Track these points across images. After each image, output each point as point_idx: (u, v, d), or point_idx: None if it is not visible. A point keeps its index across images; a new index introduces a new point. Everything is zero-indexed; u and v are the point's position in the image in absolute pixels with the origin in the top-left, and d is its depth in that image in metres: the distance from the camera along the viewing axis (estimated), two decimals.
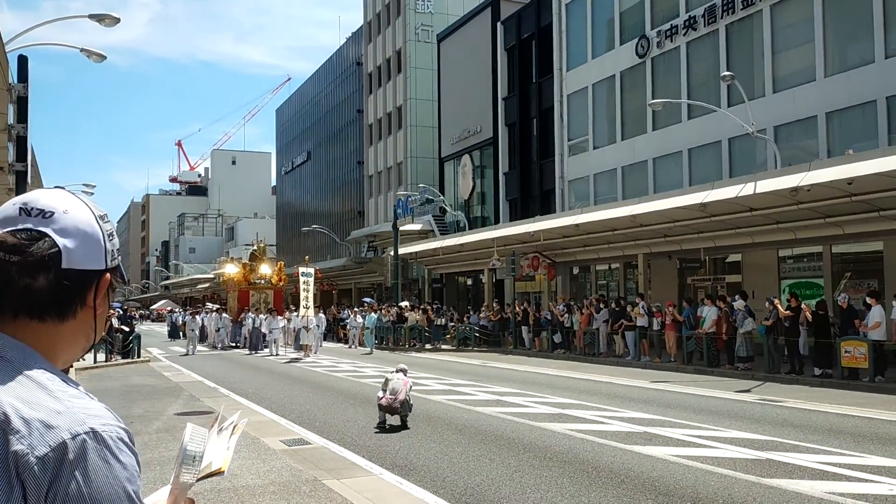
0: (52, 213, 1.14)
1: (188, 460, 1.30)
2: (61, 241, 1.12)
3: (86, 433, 1.02)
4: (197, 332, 30.62)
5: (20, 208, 1.14)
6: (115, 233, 1.24)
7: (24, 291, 1.10)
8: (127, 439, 1.07)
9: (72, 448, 1.00)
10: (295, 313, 29.64)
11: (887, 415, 11.62)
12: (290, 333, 29.46)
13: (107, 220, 1.22)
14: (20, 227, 1.12)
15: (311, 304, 27.59)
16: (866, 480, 7.30)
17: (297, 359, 24.82)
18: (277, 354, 27.40)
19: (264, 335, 29.59)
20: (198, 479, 1.33)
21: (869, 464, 8.04)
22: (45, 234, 1.12)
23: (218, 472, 1.39)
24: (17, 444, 0.99)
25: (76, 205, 1.18)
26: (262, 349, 29.37)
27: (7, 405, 1.02)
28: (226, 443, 1.44)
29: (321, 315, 30.46)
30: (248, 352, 29.62)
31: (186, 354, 27.70)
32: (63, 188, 1.26)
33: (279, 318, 29.51)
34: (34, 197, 1.17)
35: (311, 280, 28.72)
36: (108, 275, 1.19)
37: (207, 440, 1.36)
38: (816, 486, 7.07)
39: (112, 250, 1.20)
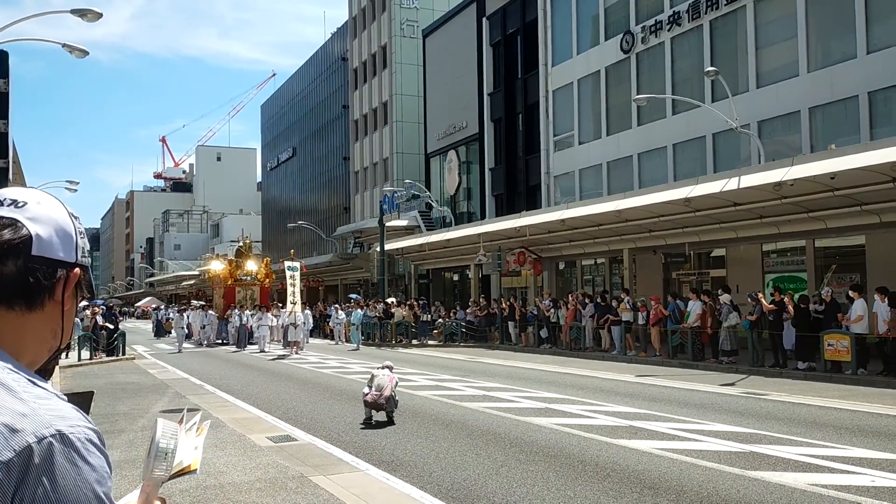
0: (25, 203, 1.14)
1: (161, 455, 1.29)
2: (33, 228, 1.12)
3: (52, 436, 0.98)
4: (185, 330, 30.24)
5: None
6: (86, 237, 1.23)
7: None
8: (96, 440, 1.04)
9: (38, 452, 0.97)
10: (282, 309, 29.44)
11: (869, 407, 11.75)
12: (278, 330, 29.31)
13: (78, 220, 1.21)
14: None
15: (298, 299, 27.23)
16: (849, 472, 7.37)
17: (284, 355, 24.67)
18: (265, 351, 27.19)
19: (252, 332, 29.35)
20: (170, 477, 1.32)
21: (851, 455, 8.13)
22: (17, 221, 1.12)
23: (189, 471, 1.37)
24: None
25: (49, 199, 1.18)
26: (249, 346, 29.13)
27: None
28: (193, 442, 1.43)
29: (307, 311, 30.04)
30: (235, 349, 29.37)
31: (175, 352, 27.39)
32: (36, 188, 1.25)
33: (267, 314, 29.30)
34: (7, 190, 1.18)
35: (298, 275, 28.28)
36: (78, 269, 1.17)
37: (178, 436, 1.35)
38: (800, 477, 7.14)
39: (82, 247, 1.19)
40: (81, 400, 1.47)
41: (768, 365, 17.27)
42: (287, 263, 28.84)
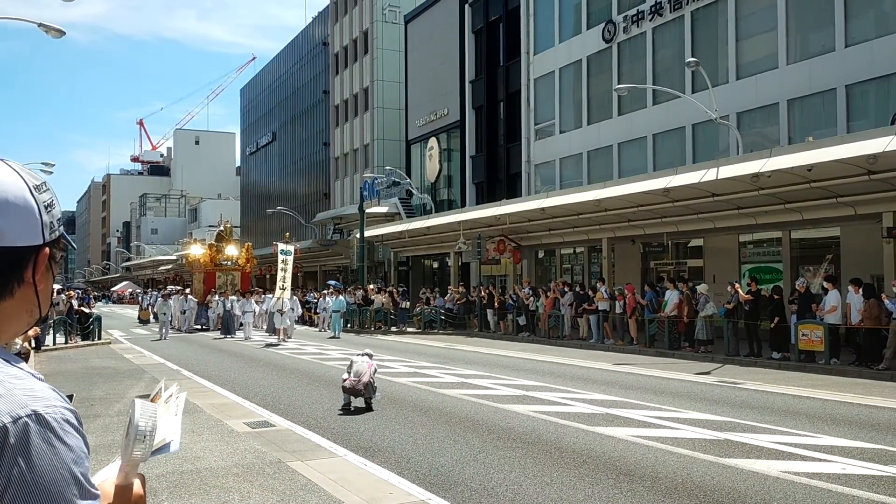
0: None
1: (140, 437, 1.29)
2: None
3: (28, 416, 0.98)
4: (170, 316, 29.05)
5: None
6: (54, 201, 1.17)
7: None
8: (73, 420, 1.04)
9: (13, 432, 0.96)
10: (268, 295, 28.72)
11: (841, 396, 11.94)
12: (262, 316, 28.66)
13: (44, 188, 1.15)
14: None
15: (288, 285, 25.72)
16: (820, 460, 7.50)
17: (273, 343, 23.51)
18: (250, 338, 26.33)
19: (238, 318, 28.38)
20: (150, 454, 1.32)
21: (823, 444, 8.26)
22: None
23: (166, 446, 1.37)
24: None
25: (9, 178, 1.11)
26: (235, 333, 28.08)
27: None
28: (172, 412, 1.43)
29: (295, 298, 28.47)
30: (219, 335, 28.20)
31: (159, 339, 26.18)
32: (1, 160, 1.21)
33: (251, 300, 28.57)
34: None
35: (291, 259, 26.48)
36: (46, 249, 1.13)
37: (157, 415, 1.34)
38: (772, 465, 7.25)
39: (50, 222, 1.14)
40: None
41: (743, 354, 17.48)
42: (280, 246, 27.19)
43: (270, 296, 27.95)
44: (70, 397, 1.15)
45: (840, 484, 6.58)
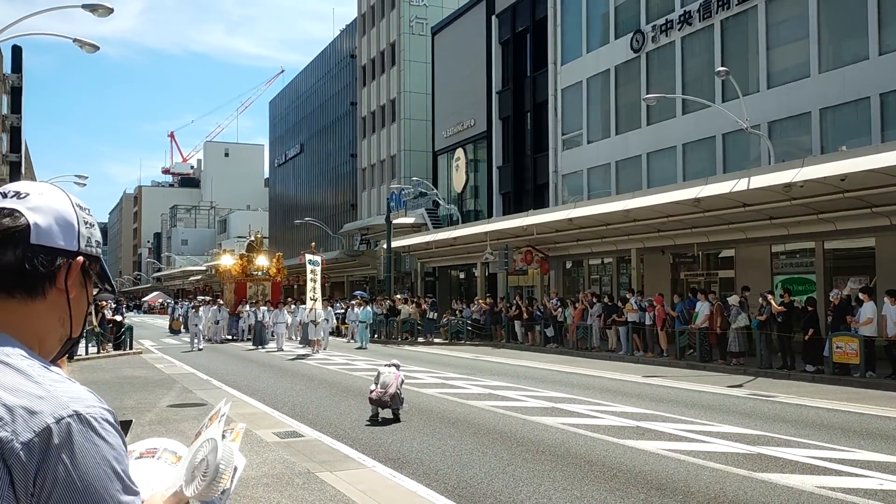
0: (28, 195, 1.17)
1: (217, 478, 1.27)
2: (31, 217, 1.14)
3: (70, 416, 1.02)
4: (201, 327, 28.48)
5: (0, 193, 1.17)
6: (95, 225, 1.24)
7: None
8: (112, 419, 1.07)
9: (57, 432, 1.00)
10: (300, 306, 28.02)
11: (877, 410, 11.69)
12: (295, 328, 28.09)
13: (88, 213, 1.22)
14: None
15: (318, 295, 25.36)
16: (856, 475, 7.33)
17: (305, 355, 23.08)
18: (282, 350, 25.90)
19: (269, 328, 28.02)
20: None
21: (859, 458, 8.08)
22: (15, 210, 1.14)
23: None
24: (1, 431, 0.99)
25: (54, 190, 1.20)
26: (267, 343, 27.70)
27: None
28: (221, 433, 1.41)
29: (329, 308, 27.94)
30: (251, 346, 27.81)
31: (191, 350, 25.74)
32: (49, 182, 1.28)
33: (283, 310, 28.12)
34: (12, 185, 1.20)
35: (319, 269, 26.18)
36: (80, 258, 1.18)
37: (234, 456, 1.31)
38: (807, 480, 7.11)
39: (88, 236, 1.20)
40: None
41: (776, 367, 17.21)
42: (308, 257, 26.87)
43: (303, 307, 27.49)
44: (128, 423, 1.19)
45: (877, 500, 6.43)
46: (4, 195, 1.16)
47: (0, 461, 0.98)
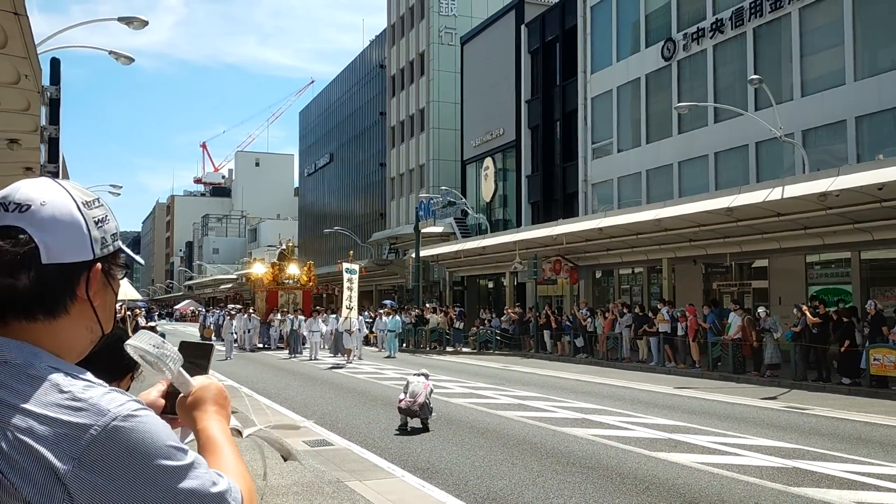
0: (29, 207, 1.09)
1: (163, 358, 1.25)
2: (39, 237, 1.07)
3: (112, 419, 1.02)
4: (235, 336, 27.93)
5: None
6: (108, 216, 1.17)
7: (7, 292, 1.06)
8: (143, 405, 1.08)
9: (102, 438, 1.00)
10: (333, 315, 27.88)
11: None
12: (328, 337, 27.66)
13: (95, 205, 1.15)
14: None
15: (355, 304, 24.94)
16: (895, 490, 7.15)
17: (339, 365, 22.75)
18: (316, 359, 25.58)
19: (304, 337, 27.72)
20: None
21: None
22: (22, 230, 1.07)
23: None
24: (50, 451, 0.98)
25: (56, 194, 1.12)
26: (301, 352, 27.45)
27: (27, 413, 1.00)
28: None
29: (362, 318, 27.64)
30: (286, 355, 27.56)
31: (224, 359, 25.20)
32: (50, 177, 1.21)
33: (318, 319, 27.75)
34: (12, 190, 1.12)
35: (356, 278, 25.82)
36: (99, 265, 1.13)
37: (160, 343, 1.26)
38: (845, 495, 6.95)
39: (102, 237, 1.14)
40: (201, 352, 1.42)
41: (811, 379, 16.89)
42: (345, 265, 26.58)
43: (335, 316, 27.34)
44: (210, 346, 1.36)
45: None
46: (5, 207, 1.09)
47: (55, 480, 0.97)
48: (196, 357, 1.39)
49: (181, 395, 1.32)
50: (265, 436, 1.50)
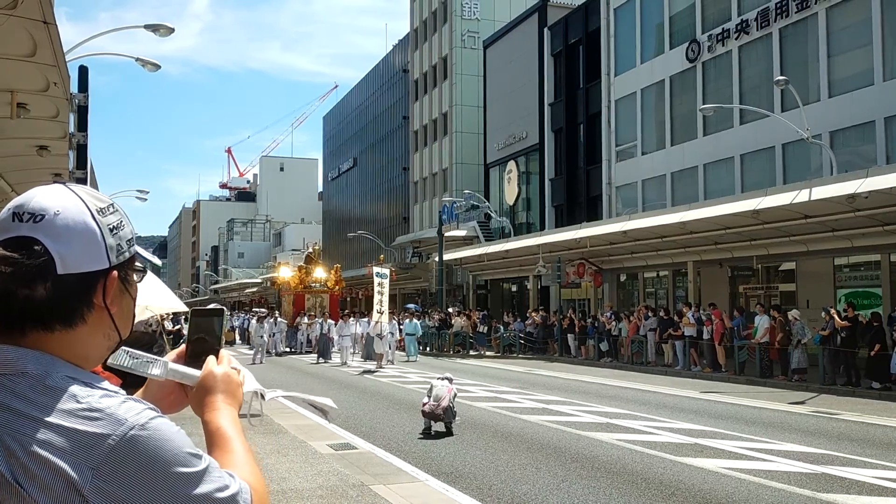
0: (43, 217, 1.08)
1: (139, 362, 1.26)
2: (53, 248, 1.07)
3: (130, 428, 1.02)
4: (265, 339, 27.72)
5: (13, 213, 1.10)
6: (123, 222, 1.16)
7: (24, 303, 1.06)
8: (159, 413, 1.08)
9: (120, 448, 1.01)
10: (364, 319, 27.72)
11: None
12: (360, 340, 27.49)
13: (110, 211, 1.14)
14: (12, 234, 1.08)
15: (385, 308, 24.22)
16: None
17: (371, 370, 22.28)
18: (347, 364, 24.96)
19: (333, 341, 27.39)
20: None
21: None
22: (37, 241, 1.07)
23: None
24: (67, 463, 0.99)
25: (70, 203, 1.11)
26: (331, 357, 27.02)
27: (44, 424, 1.01)
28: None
29: (394, 322, 26.90)
30: (314, 360, 27.21)
31: (252, 363, 24.77)
32: (64, 183, 1.21)
33: (349, 323, 27.18)
34: (26, 199, 1.11)
35: (387, 282, 25.16)
36: (115, 272, 1.13)
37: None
38: (875, 502, 6.84)
39: (117, 245, 1.13)
40: (208, 325, 1.38)
41: (840, 383, 16.65)
42: (375, 269, 26.06)
43: (366, 319, 27.09)
44: (221, 311, 1.35)
45: None
46: (20, 217, 1.09)
47: (75, 491, 0.98)
48: (205, 331, 1.36)
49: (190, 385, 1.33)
50: (293, 398, 1.55)
